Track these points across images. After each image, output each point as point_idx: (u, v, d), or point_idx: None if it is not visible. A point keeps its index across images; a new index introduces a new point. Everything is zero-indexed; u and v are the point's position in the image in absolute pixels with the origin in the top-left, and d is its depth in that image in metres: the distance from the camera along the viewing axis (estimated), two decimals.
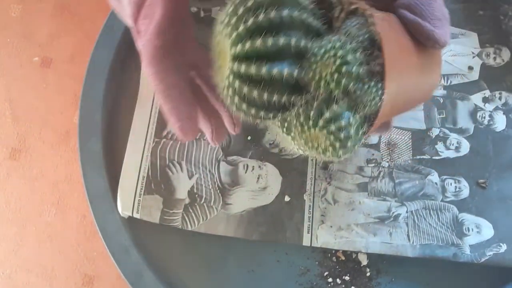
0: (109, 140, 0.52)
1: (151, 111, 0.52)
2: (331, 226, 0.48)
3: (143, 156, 0.51)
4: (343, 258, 0.48)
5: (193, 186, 0.50)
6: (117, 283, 0.64)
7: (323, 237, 0.47)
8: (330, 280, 0.48)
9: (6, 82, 0.71)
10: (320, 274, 0.48)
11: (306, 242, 0.47)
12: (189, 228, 0.48)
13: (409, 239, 0.47)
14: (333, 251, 0.49)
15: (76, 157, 0.51)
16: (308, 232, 0.48)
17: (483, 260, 0.46)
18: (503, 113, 0.52)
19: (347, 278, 0.48)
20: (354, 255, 0.49)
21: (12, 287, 0.66)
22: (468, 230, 0.48)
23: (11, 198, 0.68)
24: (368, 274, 0.48)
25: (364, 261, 0.48)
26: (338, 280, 0.48)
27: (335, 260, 0.49)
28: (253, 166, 0.50)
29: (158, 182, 0.50)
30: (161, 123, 0.52)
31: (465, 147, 0.51)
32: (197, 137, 0.51)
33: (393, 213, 0.48)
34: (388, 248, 0.47)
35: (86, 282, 0.65)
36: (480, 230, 0.48)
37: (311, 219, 0.48)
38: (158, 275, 0.48)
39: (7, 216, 0.67)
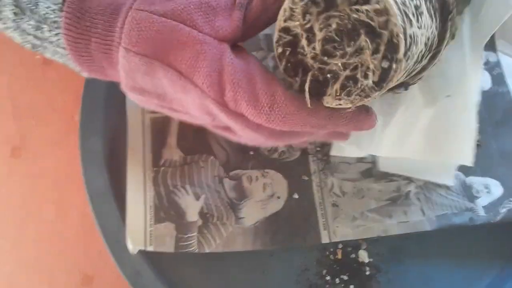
0: (110, 138, 0.52)
1: (143, 143, 0.52)
2: (346, 218, 0.48)
3: (145, 187, 0.50)
4: (341, 256, 0.48)
5: (202, 207, 0.49)
6: (116, 282, 0.63)
7: (340, 230, 0.48)
8: (328, 278, 0.48)
9: (7, 80, 0.70)
10: (318, 273, 0.48)
11: (324, 239, 0.47)
12: (207, 250, 0.48)
13: (424, 214, 0.48)
14: (331, 250, 0.49)
15: (76, 155, 0.51)
16: (324, 229, 0.48)
17: (498, 218, 0.47)
18: (487, 72, 0.53)
19: (345, 276, 0.48)
20: (353, 254, 0.49)
21: (11, 286, 0.65)
22: (478, 192, 0.48)
23: (11, 196, 0.67)
24: (367, 273, 0.48)
25: (365, 258, 0.48)
26: (337, 279, 0.48)
27: (333, 258, 0.48)
28: (256, 176, 0.50)
29: (166, 208, 0.49)
30: (156, 153, 0.51)
31: None
32: (195, 160, 0.51)
33: (403, 191, 0.49)
34: (406, 226, 0.47)
35: (85, 281, 0.64)
36: (489, 190, 0.48)
37: (324, 216, 0.48)
38: (158, 275, 0.48)
39: (7, 214, 0.66)
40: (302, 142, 0.39)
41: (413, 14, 0.27)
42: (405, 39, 0.26)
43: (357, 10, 0.26)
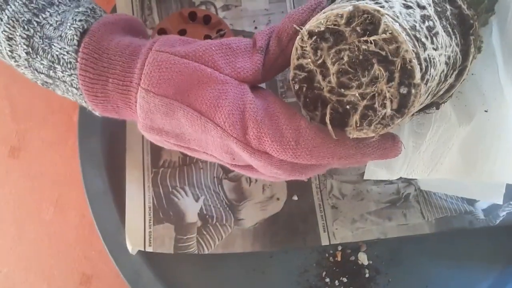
0: (109, 139, 0.52)
1: (142, 144, 0.52)
2: (345, 220, 0.48)
3: (145, 188, 0.50)
4: (341, 258, 0.48)
5: (201, 208, 0.49)
6: (115, 282, 0.64)
7: (340, 232, 0.48)
8: (327, 280, 0.48)
9: (6, 80, 0.70)
10: (318, 275, 0.48)
11: (324, 241, 0.47)
12: (206, 252, 0.48)
13: (423, 216, 0.48)
14: (331, 252, 0.49)
15: (75, 156, 0.51)
16: (324, 231, 0.48)
17: (497, 221, 0.47)
18: None
19: (345, 278, 0.48)
20: (352, 256, 0.49)
21: (9, 286, 0.65)
22: None
23: (10, 196, 0.67)
24: (366, 275, 0.48)
25: (365, 261, 0.48)
26: (336, 281, 0.48)
27: (333, 260, 0.49)
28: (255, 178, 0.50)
29: (165, 210, 0.49)
30: (155, 154, 0.51)
31: None
32: (194, 161, 0.51)
33: (402, 193, 0.49)
34: (406, 229, 0.47)
35: (84, 281, 0.64)
36: None
37: (324, 218, 0.48)
38: (157, 274, 0.48)
39: (5, 214, 0.66)
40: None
41: (426, 37, 0.26)
42: (420, 64, 0.25)
43: (366, 41, 0.26)
